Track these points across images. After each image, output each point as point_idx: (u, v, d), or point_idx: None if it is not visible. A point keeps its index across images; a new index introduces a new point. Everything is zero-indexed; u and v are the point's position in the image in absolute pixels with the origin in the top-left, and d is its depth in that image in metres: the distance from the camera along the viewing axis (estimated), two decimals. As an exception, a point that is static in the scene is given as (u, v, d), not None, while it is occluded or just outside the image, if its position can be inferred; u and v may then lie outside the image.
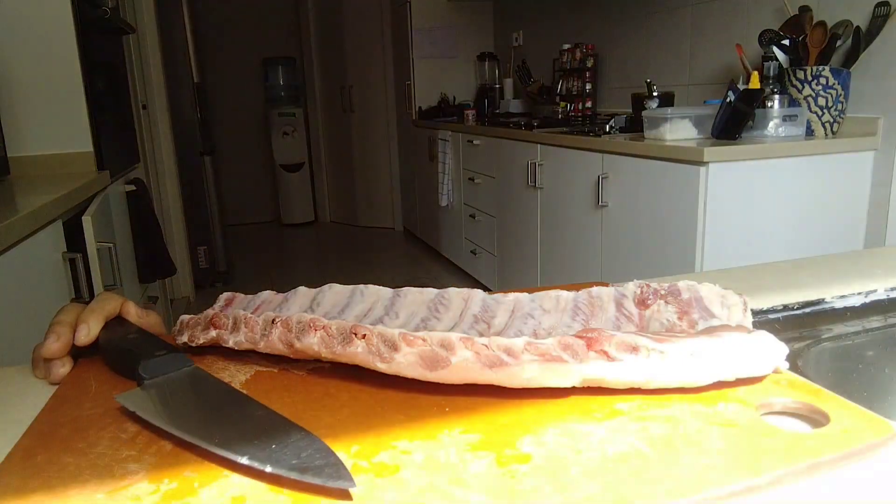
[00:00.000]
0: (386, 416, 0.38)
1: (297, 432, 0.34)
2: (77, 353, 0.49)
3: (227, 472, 0.33)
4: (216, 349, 0.48)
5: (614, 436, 0.35)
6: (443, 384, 0.40)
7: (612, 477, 0.31)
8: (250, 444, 0.33)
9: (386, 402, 0.40)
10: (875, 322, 0.61)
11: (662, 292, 0.47)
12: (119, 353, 0.46)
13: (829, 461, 0.32)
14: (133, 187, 2.25)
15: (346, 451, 0.34)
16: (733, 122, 1.82)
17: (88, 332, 0.48)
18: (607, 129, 2.30)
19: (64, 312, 0.50)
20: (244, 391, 0.43)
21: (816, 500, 0.31)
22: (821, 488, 0.31)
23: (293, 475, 0.30)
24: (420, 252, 4.47)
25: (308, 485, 0.30)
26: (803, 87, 1.80)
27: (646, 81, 2.39)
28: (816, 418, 0.37)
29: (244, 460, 0.32)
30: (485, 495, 0.30)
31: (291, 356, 0.45)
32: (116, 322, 0.51)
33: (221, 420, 0.37)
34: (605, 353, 0.38)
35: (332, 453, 0.32)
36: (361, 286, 0.52)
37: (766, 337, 0.41)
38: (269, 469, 0.31)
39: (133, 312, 0.52)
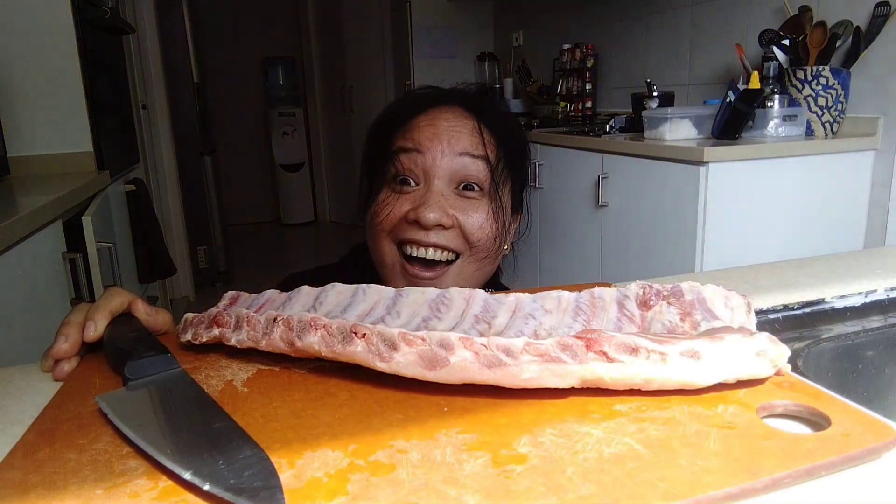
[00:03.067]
0: (384, 415, 0.38)
1: (249, 449, 0.34)
2: (85, 351, 0.50)
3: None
4: (219, 347, 0.49)
5: (612, 437, 0.35)
6: (442, 384, 0.40)
7: (608, 478, 0.31)
8: (200, 458, 0.33)
9: (385, 402, 0.40)
10: (875, 322, 0.61)
11: (665, 293, 0.47)
12: (113, 352, 0.46)
13: (828, 464, 0.32)
14: (133, 187, 2.25)
15: (344, 449, 0.34)
16: (733, 122, 1.81)
17: (95, 328, 0.48)
18: (607, 129, 2.30)
19: (74, 313, 0.50)
20: (246, 389, 0.43)
21: (816, 503, 0.31)
22: (820, 491, 0.31)
23: (228, 496, 0.30)
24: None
25: None
26: (803, 87, 1.80)
27: (646, 81, 2.39)
28: (817, 421, 0.37)
29: (187, 476, 0.32)
30: (479, 495, 0.30)
31: (293, 355, 0.45)
32: (124, 319, 0.51)
33: (183, 429, 0.37)
34: (605, 353, 0.38)
35: (275, 476, 0.32)
36: (363, 286, 0.52)
37: (767, 339, 0.41)
38: (206, 487, 0.31)
39: (142, 310, 0.52)
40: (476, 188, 0.72)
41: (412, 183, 0.72)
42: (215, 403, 0.40)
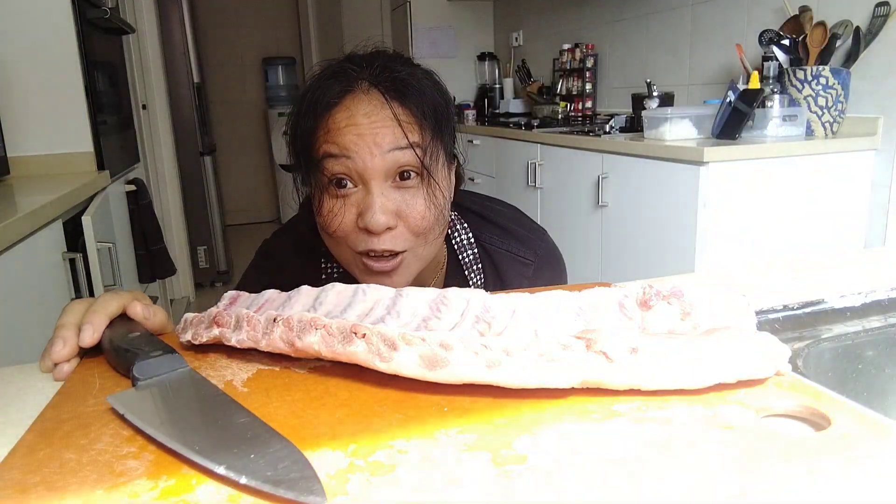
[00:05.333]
0: (384, 415, 0.38)
1: (277, 442, 0.34)
2: (84, 351, 0.50)
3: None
4: (219, 347, 0.49)
5: (612, 437, 0.35)
6: (442, 384, 0.40)
7: (608, 479, 0.31)
8: (230, 452, 0.33)
9: (385, 402, 0.40)
10: (875, 322, 0.61)
11: (665, 293, 0.47)
12: (117, 353, 0.46)
13: (828, 465, 0.32)
14: (133, 187, 2.25)
15: (344, 449, 0.34)
16: (733, 122, 1.82)
17: (93, 333, 0.48)
18: (607, 129, 2.30)
19: (68, 313, 0.50)
20: (246, 389, 0.43)
21: (816, 503, 0.31)
22: (820, 491, 0.31)
23: (266, 487, 0.30)
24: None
25: (281, 498, 0.30)
26: (803, 87, 1.80)
27: (646, 81, 2.39)
28: (818, 421, 0.37)
29: (221, 470, 0.32)
30: (479, 495, 0.30)
31: (293, 355, 0.45)
32: (122, 320, 0.51)
33: (206, 426, 0.38)
34: (605, 353, 0.38)
35: (309, 465, 0.32)
36: (363, 286, 0.52)
37: (768, 339, 0.41)
38: (243, 480, 0.31)
39: (140, 313, 0.52)
40: (413, 174, 0.71)
41: (349, 184, 0.71)
42: (232, 400, 0.40)
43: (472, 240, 0.86)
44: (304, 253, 0.84)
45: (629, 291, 0.49)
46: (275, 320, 0.44)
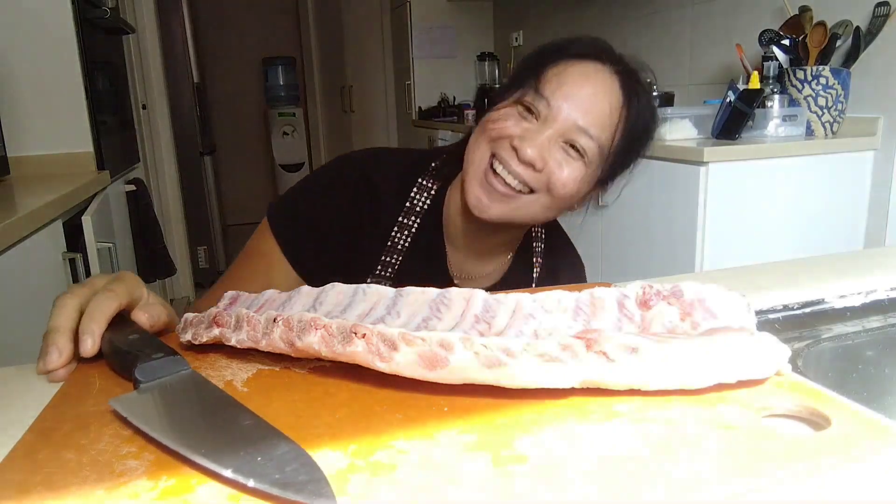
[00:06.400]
0: (384, 415, 0.38)
1: (284, 444, 0.34)
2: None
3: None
4: (219, 347, 0.49)
5: (612, 437, 0.35)
6: (442, 384, 0.40)
7: (609, 479, 0.31)
8: (236, 455, 0.33)
9: (385, 402, 0.40)
10: (875, 322, 0.61)
11: (665, 293, 0.47)
12: (117, 355, 0.46)
13: (829, 465, 0.32)
14: (133, 187, 2.25)
15: (344, 450, 0.34)
16: (733, 122, 1.81)
17: (93, 344, 0.47)
18: (607, 129, 2.30)
19: (59, 315, 0.49)
20: (246, 389, 0.43)
21: (816, 503, 0.31)
22: (820, 491, 0.31)
23: (275, 491, 0.30)
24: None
25: (290, 501, 0.30)
26: (803, 86, 1.80)
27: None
28: (818, 421, 0.37)
29: (228, 473, 0.32)
30: (480, 495, 0.30)
31: (293, 355, 0.45)
32: (120, 319, 0.51)
33: (211, 428, 0.37)
34: (605, 353, 0.38)
35: (317, 468, 0.32)
36: (363, 286, 0.52)
37: (768, 339, 0.41)
38: (251, 483, 0.31)
39: (146, 322, 0.51)
40: (580, 153, 0.76)
41: (532, 116, 0.76)
42: (237, 402, 0.40)
43: (543, 236, 0.95)
44: (400, 178, 0.86)
45: (629, 291, 0.49)
46: (275, 320, 0.44)
